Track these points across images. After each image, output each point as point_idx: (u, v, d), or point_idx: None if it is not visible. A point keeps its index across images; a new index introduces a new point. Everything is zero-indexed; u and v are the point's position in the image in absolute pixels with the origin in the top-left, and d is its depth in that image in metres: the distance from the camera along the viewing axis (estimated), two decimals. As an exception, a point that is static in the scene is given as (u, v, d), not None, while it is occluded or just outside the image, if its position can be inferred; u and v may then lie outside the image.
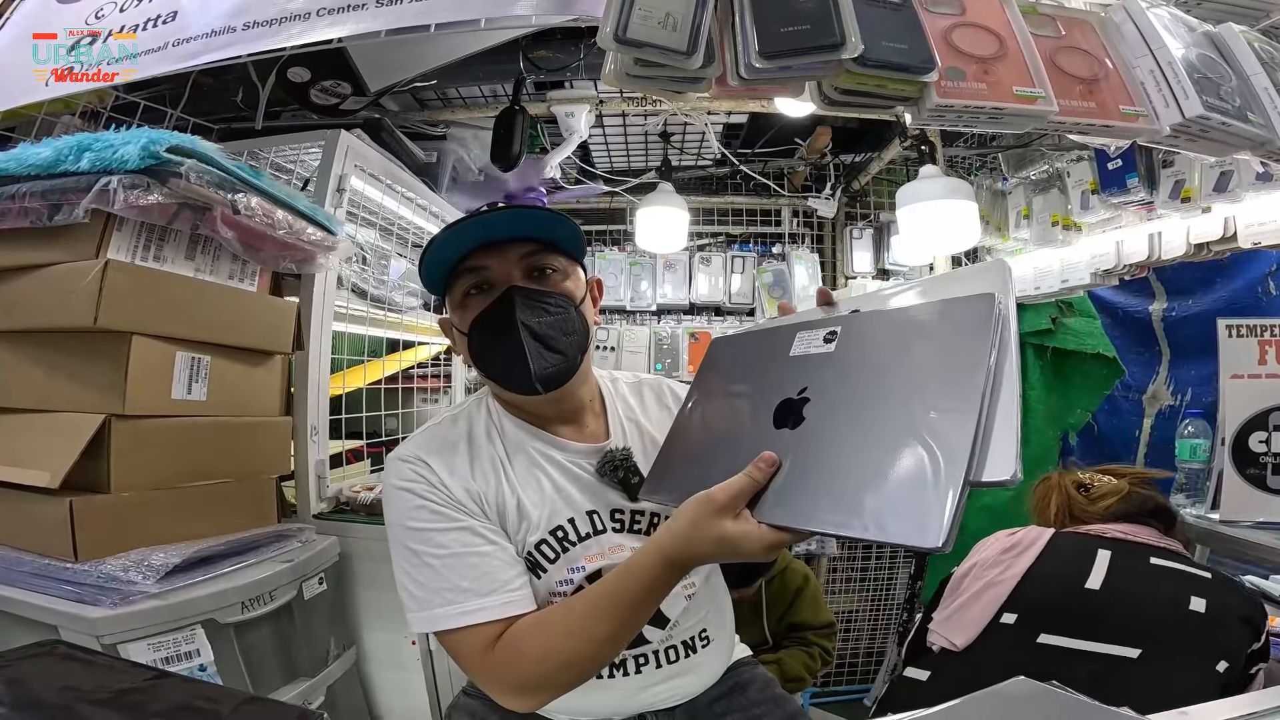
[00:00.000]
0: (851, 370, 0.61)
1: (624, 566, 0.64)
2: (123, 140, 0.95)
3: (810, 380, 0.62)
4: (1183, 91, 0.85)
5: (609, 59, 0.76)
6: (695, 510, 0.58)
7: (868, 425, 0.55)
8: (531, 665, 0.65)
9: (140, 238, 1.01)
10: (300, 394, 1.34)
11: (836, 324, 0.65)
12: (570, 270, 0.80)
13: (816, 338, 0.65)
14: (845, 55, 0.73)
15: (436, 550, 0.69)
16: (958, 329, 0.55)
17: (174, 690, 0.63)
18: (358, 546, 1.34)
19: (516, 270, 0.75)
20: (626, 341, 2.37)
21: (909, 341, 0.59)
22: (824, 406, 0.59)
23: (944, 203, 1.52)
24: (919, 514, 0.48)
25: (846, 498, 0.52)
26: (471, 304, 0.76)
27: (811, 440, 0.58)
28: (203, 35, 0.97)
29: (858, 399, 0.58)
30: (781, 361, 0.67)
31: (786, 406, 0.62)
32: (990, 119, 0.80)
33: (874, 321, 0.64)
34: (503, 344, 0.73)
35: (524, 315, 0.73)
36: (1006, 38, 0.84)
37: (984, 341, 0.52)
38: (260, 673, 1.08)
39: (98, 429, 0.93)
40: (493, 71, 1.67)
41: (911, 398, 0.54)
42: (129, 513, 0.97)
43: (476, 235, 0.75)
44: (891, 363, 0.59)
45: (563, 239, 0.78)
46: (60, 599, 0.90)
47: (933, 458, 0.49)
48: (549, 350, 0.73)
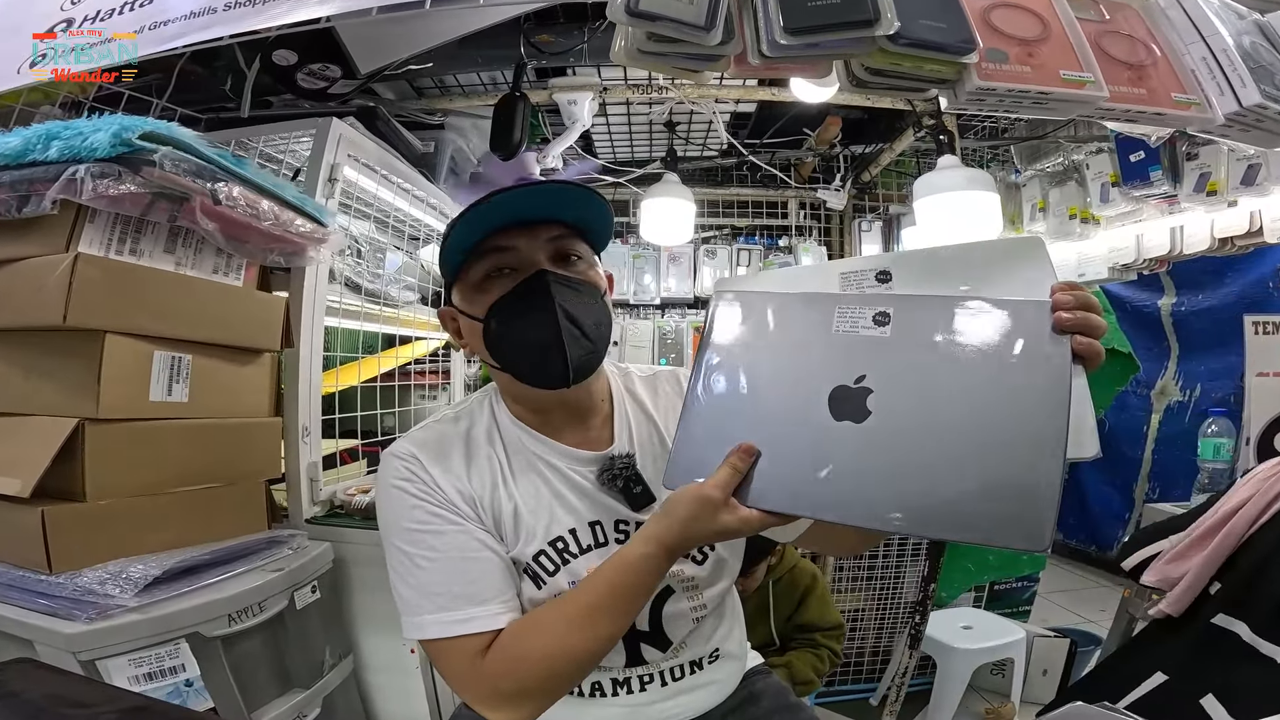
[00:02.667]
0: (917, 363, 0.57)
1: (620, 559, 0.63)
2: (93, 128, 0.88)
3: (867, 367, 0.58)
4: (1239, 79, 0.79)
5: (619, 34, 0.71)
6: (696, 508, 0.58)
7: (953, 427, 0.54)
8: (532, 668, 0.62)
9: (114, 230, 0.95)
10: (291, 393, 1.28)
11: (887, 304, 0.61)
12: (593, 261, 0.75)
13: (864, 317, 0.61)
14: (879, 32, 0.67)
15: (428, 553, 0.66)
16: (1035, 337, 0.55)
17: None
18: (353, 551, 1.29)
19: (543, 254, 0.70)
20: (630, 336, 2.32)
21: (981, 341, 0.56)
22: (891, 400, 0.56)
23: (964, 194, 1.46)
24: (1026, 519, 0.48)
25: (936, 501, 0.52)
26: (493, 287, 0.70)
27: (884, 437, 0.55)
28: (182, 17, 0.92)
29: (932, 397, 0.56)
30: (824, 338, 0.62)
31: (843, 394, 0.58)
32: (1035, 104, 0.74)
33: (931, 310, 0.59)
34: (538, 330, 0.68)
35: (562, 299, 0.68)
36: (1049, 20, 0.79)
37: (1064, 350, 0.53)
38: (251, 686, 1.03)
39: (70, 434, 0.87)
40: (492, 57, 1.60)
41: (999, 400, 0.53)
42: (106, 521, 0.92)
43: (509, 212, 0.68)
44: (965, 362, 0.56)
45: (596, 226, 0.74)
46: (35, 613, 0.85)
47: (1034, 463, 0.50)
48: (584, 338, 0.69)
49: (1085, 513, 3.20)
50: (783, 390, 0.62)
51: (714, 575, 0.77)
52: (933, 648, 1.97)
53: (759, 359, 0.65)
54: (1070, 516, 3.26)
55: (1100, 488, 3.16)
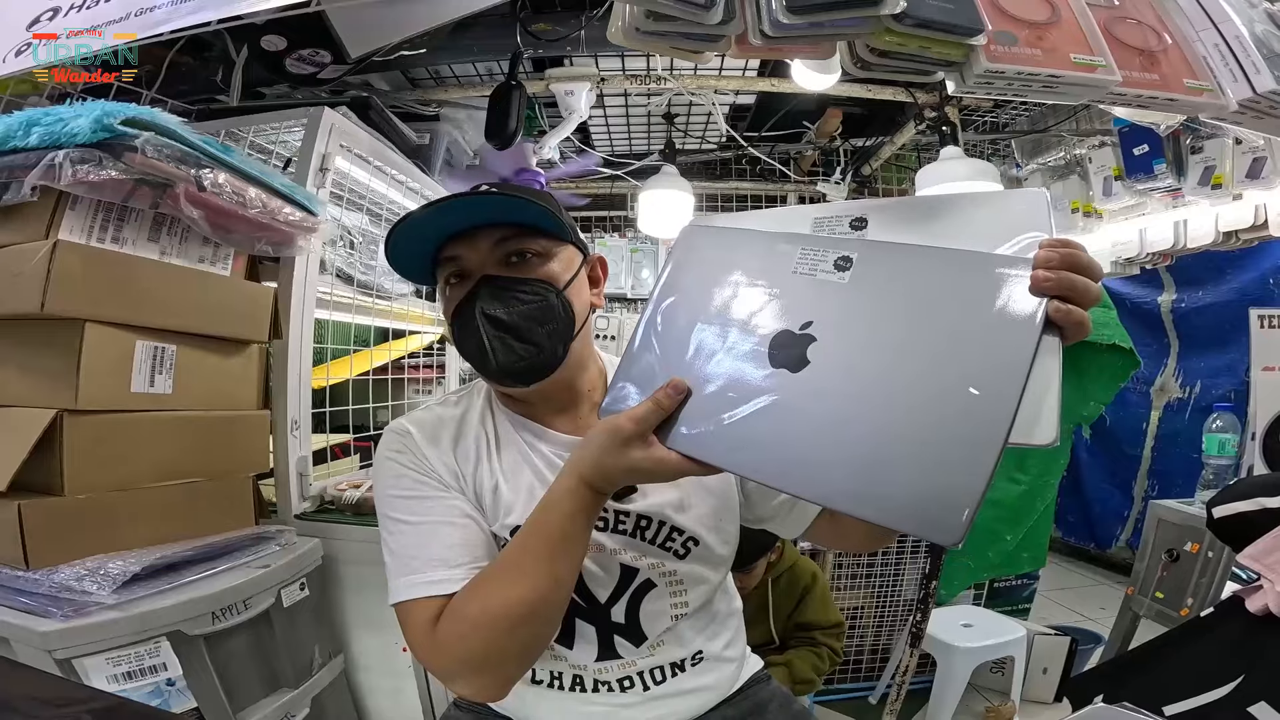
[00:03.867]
0: (868, 315, 0.52)
1: (544, 499, 0.60)
2: (74, 114, 0.86)
3: (816, 314, 0.53)
4: (1253, 66, 0.77)
5: (617, 13, 0.68)
6: (606, 439, 0.55)
7: (885, 391, 0.48)
8: (474, 629, 0.58)
9: (96, 217, 0.92)
10: (279, 385, 1.26)
11: (851, 249, 0.55)
12: (555, 251, 0.72)
13: (826, 260, 0.56)
14: (885, 11, 0.64)
15: (410, 518, 0.67)
16: (1007, 301, 0.47)
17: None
18: (344, 548, 1.27)
19: (490, 258, 0.70)
20: (627, 330, 2.30)
21: (944, 299, 0.50)
22: (833, 351, 0.51)
23: (968, 185, 1.43)
24: (938, 512, 0.43)
25: (848, 470, 0.47)
26: (452, 294, 0.72)
27: (812, 391, 0.51)
28: (168, 3, 0.89)
29: (875, 351, 0.50)
30: (781, 279, 0.57)
31: (785, 339, 0.54)
32: (1045, 88, 0.72)
33: (898, 258, 0.54)
34: (470, 336, 0.69)
35: (487, 307, 0.68)
36: (1059, 4, 0.76)
37: (1035, 318, 0.46)
38: (237, 686, 1.01)
39: (48, 425, 0.85)
40: (488, 46, 1.58)
41: (945, 368, 0.47)
42: (85, 516, 0.89)
43: (440, 226, 0.69)
44: (920, 319, 0.50)
45: (535, 219, 0.71)
46: (11, 610, 0.83)
47: (965, 446, 0.44)
48: (520, 342, 0.68)
49: (1085, 510, 3.19)
50: (728, 330, 0.57)
51: (698, 570, 0.74)
52: (933, 646, 1.96)
53: (711, 295, 0.60)
54: (1070, 514, 3.25)
55: (1100, 485, 3.14)
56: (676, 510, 0.72)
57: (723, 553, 0.76)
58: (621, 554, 0.71)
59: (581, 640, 0.71)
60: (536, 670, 0.73)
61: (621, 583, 0.71)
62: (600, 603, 0.71)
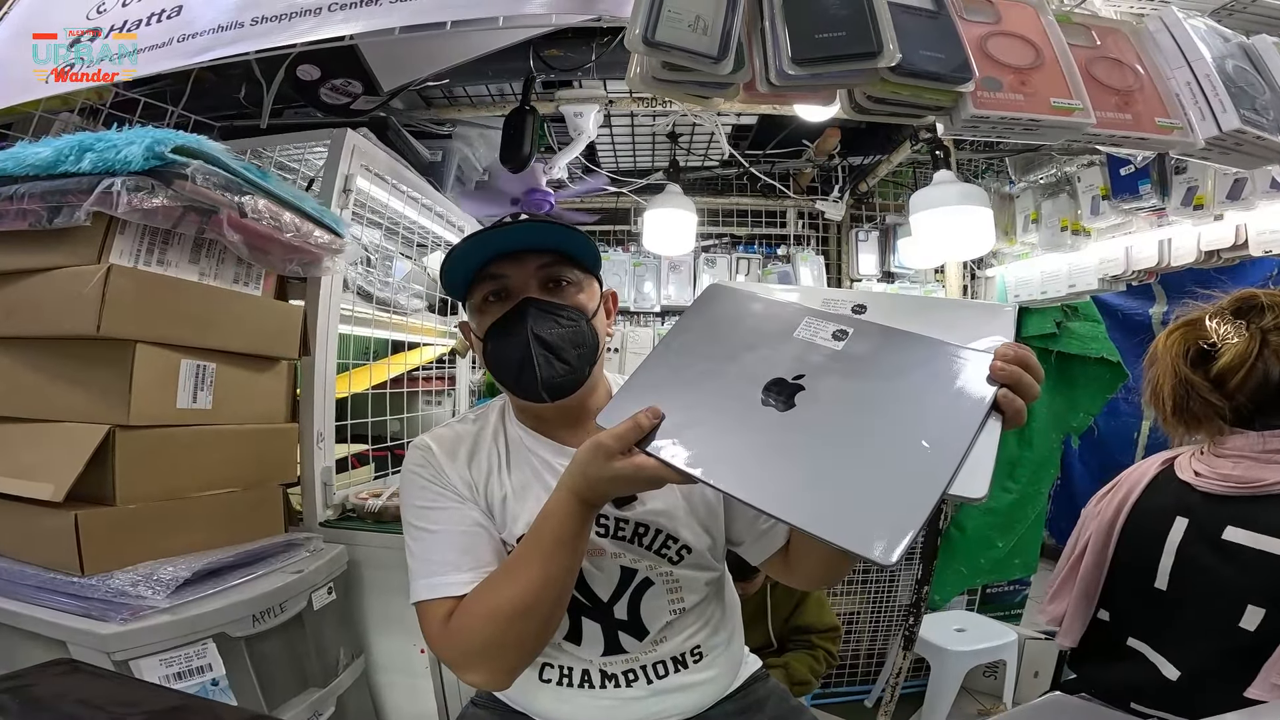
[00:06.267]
0: (853, 376, 0.62)
1: (542, 511, 0.68)
2: (126, 140, 0.91)
3: (809, 369, 0.63)
4: (1220, 105, 0.84)
5: (634, 62, 0.75)
6: (590, 454, 0.63)
7: (856, 434, 0.58)
8: (480, 624, 0.67)
9: (143, 241, 0.98)
10: (307, 399, 1.31)
11: (849, 324, 0.66)
12: (585, 283, 0.81)
13: (826, 330, 0.66)
14: (882, 64, 0.71)
15: (430, 526, 0.75)
16: (965, 382, 0.58)
17: (199, 713, 0.60)
18: (366, 554, 1.32)
19: (533, 280, 0.78)
20: (630, 343, 2.35)
21: (916, 372, 0.61)
22: (817, 400, 0.61)
23: (958, 209, 1.50)
24: (882, 537, 0.50)
25: (812, 493, 0.55)
26: (489, 310, 0.79)
27: (794, 428, 0.60)
28: (209, 31, 0.94)
29: (854, 403, 0.60)
30: (783, 338, 0.67)
31: (778, 385, 0.62)
32: (1026, 130, 0.78)
33: (886, 338, 0.65)
34: (515, 352, 0.76)
35: (536, 326, 0.76)
36: (1043, 47, 0.83)
37: (985, 398, 0.56)
38: (272, 685, 1.06)
39: (102, 440, 0.90)
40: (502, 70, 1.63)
41: (907, 424, 0.57)
42: (136, 525, 0.95)
43: (497, 245, 0.77)
44: (894, 385, 0.61)
45: (578, 252, 0.80)
46: (68, 614, 0.87)
47: (912, 487, 0.52)
48: (558, 360, 0.76)
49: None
50: (728, 370, 0.66)
51: (691, 574, 0.81)
52: (926, 650, 2.00)
53: (720, 340, 0.70)
54: (1062, 521, 3.30)
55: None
56: (671, 520, 0.79)
57: (714, 561, 0.83)
58: (621, 557, 0.78)
59: (588, 636, 0.78)
60: (546, 668, 0.79)
61: (622, 582, 0.78)
62: (603, 601, 0.78)
